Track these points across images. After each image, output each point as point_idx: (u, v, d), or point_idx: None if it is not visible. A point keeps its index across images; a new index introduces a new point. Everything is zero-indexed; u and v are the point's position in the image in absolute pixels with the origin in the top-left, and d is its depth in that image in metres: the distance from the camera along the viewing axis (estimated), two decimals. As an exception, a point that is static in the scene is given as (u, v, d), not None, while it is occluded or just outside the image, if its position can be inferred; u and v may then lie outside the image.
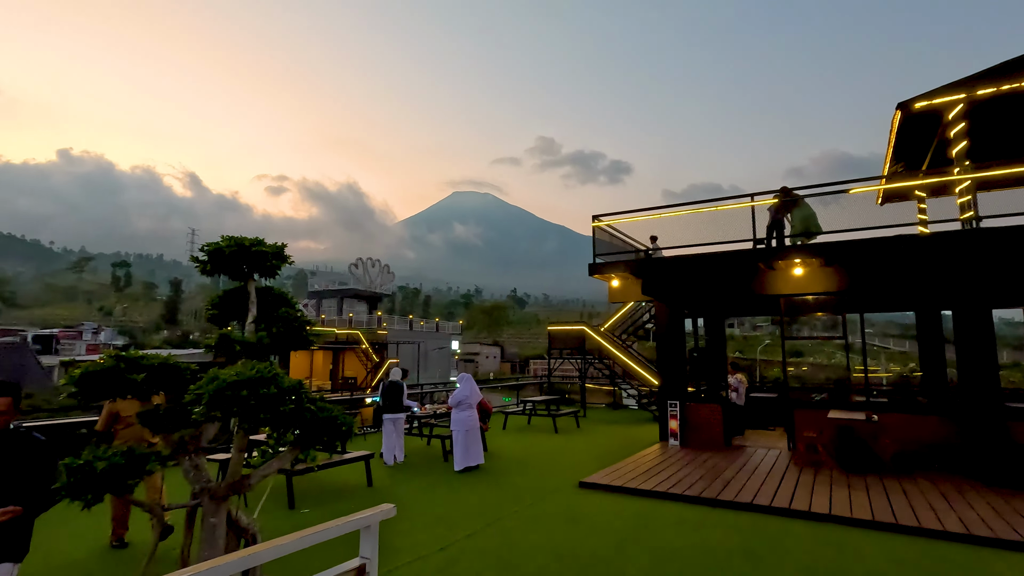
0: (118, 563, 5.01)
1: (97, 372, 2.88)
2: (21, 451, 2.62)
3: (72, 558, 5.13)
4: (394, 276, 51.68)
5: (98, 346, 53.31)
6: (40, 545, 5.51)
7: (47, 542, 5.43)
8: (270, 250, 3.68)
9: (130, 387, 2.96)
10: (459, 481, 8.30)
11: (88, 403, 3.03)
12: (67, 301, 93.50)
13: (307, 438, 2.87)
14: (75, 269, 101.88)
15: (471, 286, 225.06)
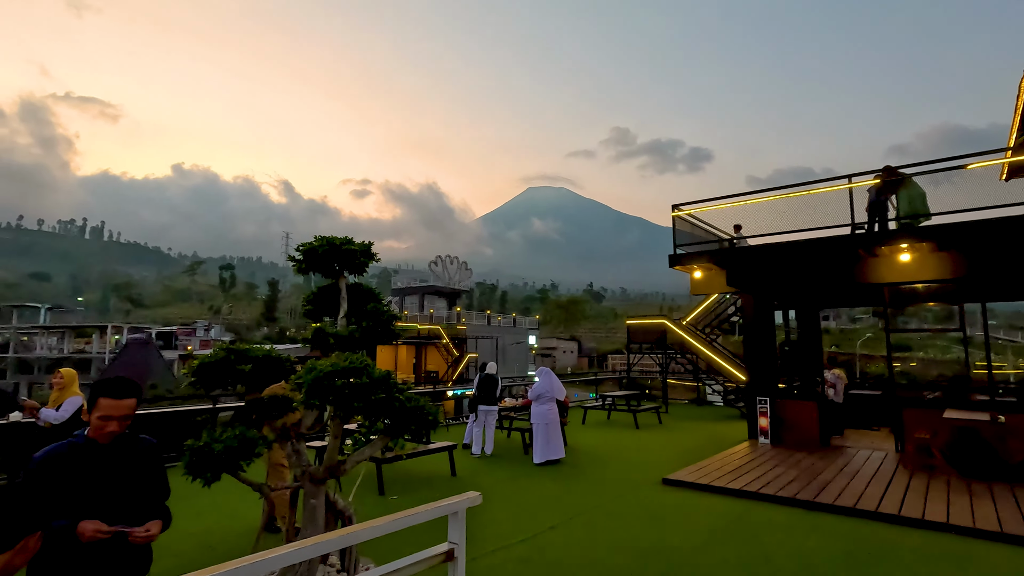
0: (238, 538, 5.49)
1: (212, 363, 3.19)
2: (145, 456, 2.47)
3: (191, 530, 5.70)
4: (472, 272, 52.79)
5: (209, 342, 58.54)
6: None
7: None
8: (358, 248, 3.88)
9: (239, 377, 3.24)
10: (540, 474, 8.36)
11: (206, 390, 3.31)
12: (182, 301, 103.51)
13: (396, 427, 3.01)
14: (189, 272, 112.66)
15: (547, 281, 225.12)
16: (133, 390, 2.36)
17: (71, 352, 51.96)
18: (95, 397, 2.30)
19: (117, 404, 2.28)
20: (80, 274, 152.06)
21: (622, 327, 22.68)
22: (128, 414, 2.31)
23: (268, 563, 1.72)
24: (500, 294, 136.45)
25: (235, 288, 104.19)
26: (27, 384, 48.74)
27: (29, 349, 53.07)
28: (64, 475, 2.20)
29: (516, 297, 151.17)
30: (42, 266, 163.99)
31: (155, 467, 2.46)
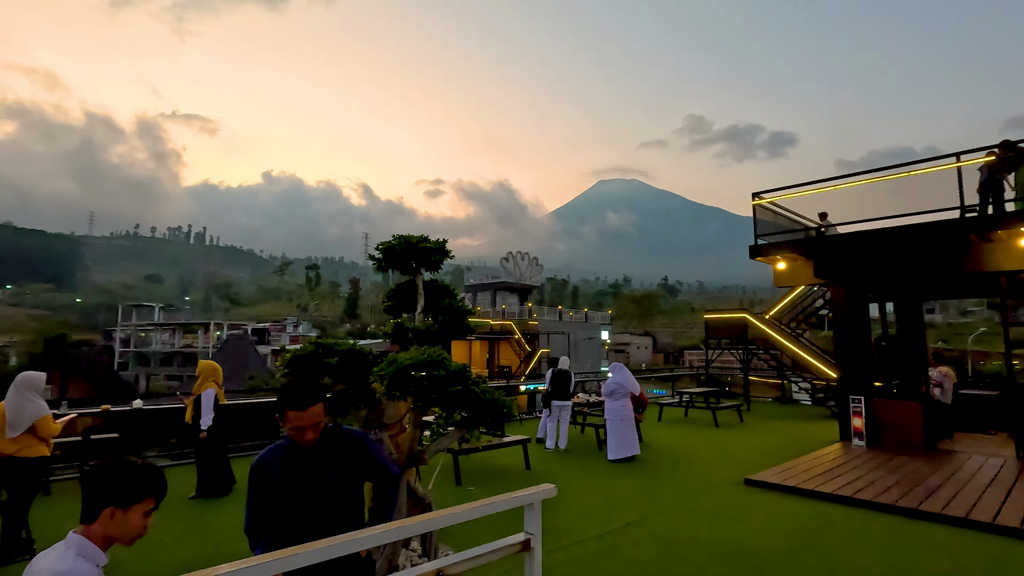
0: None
1: (302, 356, 3.42)
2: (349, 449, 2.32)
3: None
4: (543, 268, 52.80)
5: (298, 337, 62.45)
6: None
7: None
8: (434, 246, 4.01)
9: (326, 369, 3.46)
10: (615, 470, 8.27)
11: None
12: (274, 300, 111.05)
13: (472, 419, 3.10)
14: (279, 273, 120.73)
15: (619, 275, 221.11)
16: (316, 396, 2.23)
17: (181, 347, 57.23)
18: (281, 408, 2.22)
19: (301, 415, 2.18)
20: (187, 276, 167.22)
21: (699, 322, 21.88)
22: (318, 421, 2.22)
23: (356, 543, 1.82)
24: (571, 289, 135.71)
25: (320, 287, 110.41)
26: (145, 375, 54.28)
27: (146, 344, 59.02)
28: (273, 477, 2.22)
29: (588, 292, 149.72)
30: (155, 269, 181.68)
31: (362, 457, 2.33)
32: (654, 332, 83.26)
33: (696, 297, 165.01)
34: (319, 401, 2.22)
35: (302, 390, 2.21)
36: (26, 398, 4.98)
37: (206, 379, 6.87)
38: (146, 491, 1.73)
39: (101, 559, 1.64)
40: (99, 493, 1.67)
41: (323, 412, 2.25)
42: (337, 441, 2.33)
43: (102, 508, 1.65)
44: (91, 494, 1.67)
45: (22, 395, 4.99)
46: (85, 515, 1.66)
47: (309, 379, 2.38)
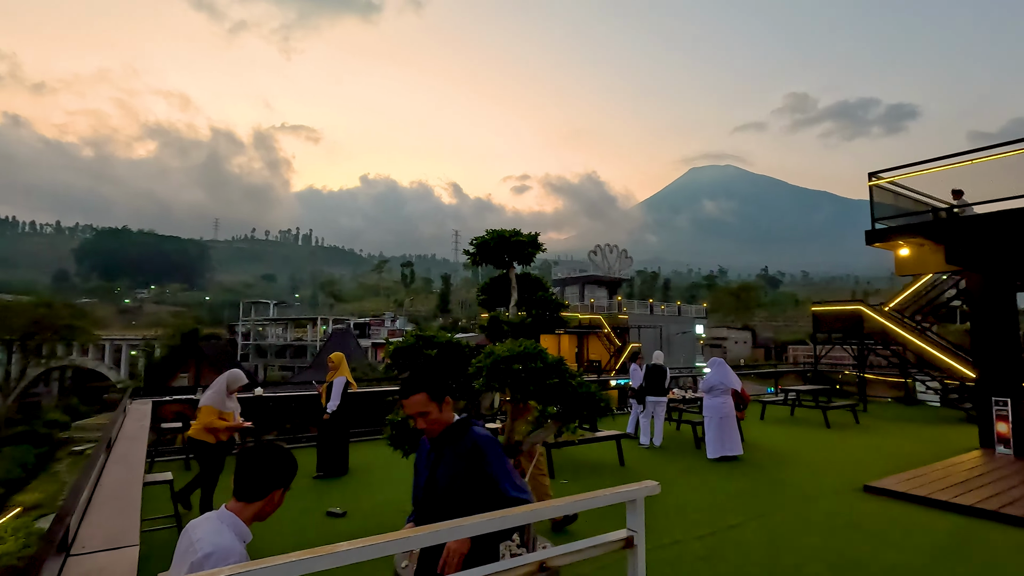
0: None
1: (404, 348, 3.58)
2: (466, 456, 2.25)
3: (387, 496, 6.47)
4: (632, 261, 51.57)
5: (395, 331, 65.67)
6: (364, 493, 7.06)
7: (370, 490, 6.95)
8: (526, 239, 4.03)
9: (426, 360, 3.59)
10: (715, 470, 7.91)
11: (398, 372, 3.71)
12: (373, 296, 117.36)
13: (569, 412, 3.08)
14: (376, 270, 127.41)
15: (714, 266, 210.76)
16: (417, 385, 2.27)
17: (292, 340, 62.23)
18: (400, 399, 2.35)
19: (407, 403, 2.28)
20: (296, 275, 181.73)
21: (803, 314, 20.34)
22: (422, 410, 2.25)
23: (462, 529, 1.87)
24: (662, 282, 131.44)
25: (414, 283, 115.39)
26: (263, 366, 59.60)
27: (263, 337, 64.78)
28: (417, 459, 2.45)
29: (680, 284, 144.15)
30: (269, 269, 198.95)
31: (475, 464, 2.24)
32: (753, 326, 78.47)
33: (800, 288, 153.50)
34: (419, 391, 2.25)
35: (408, 379, 2.30)
36: (215, 386, 5.69)
37: (338, 368, 7.50)
38: (294, 474, 1.90)
39: (247, 536, 1.81)
40: (272, 475, 1.83)
41: (426, 402, 2.26)
42: (458, 440, 2.29)
43: (271, 489, 1.82)
44: (259, 475, 1.83)
45: (217, 383, 5.70)
46: (246, 493, 1.83)
47: (419, 370, 2.46)
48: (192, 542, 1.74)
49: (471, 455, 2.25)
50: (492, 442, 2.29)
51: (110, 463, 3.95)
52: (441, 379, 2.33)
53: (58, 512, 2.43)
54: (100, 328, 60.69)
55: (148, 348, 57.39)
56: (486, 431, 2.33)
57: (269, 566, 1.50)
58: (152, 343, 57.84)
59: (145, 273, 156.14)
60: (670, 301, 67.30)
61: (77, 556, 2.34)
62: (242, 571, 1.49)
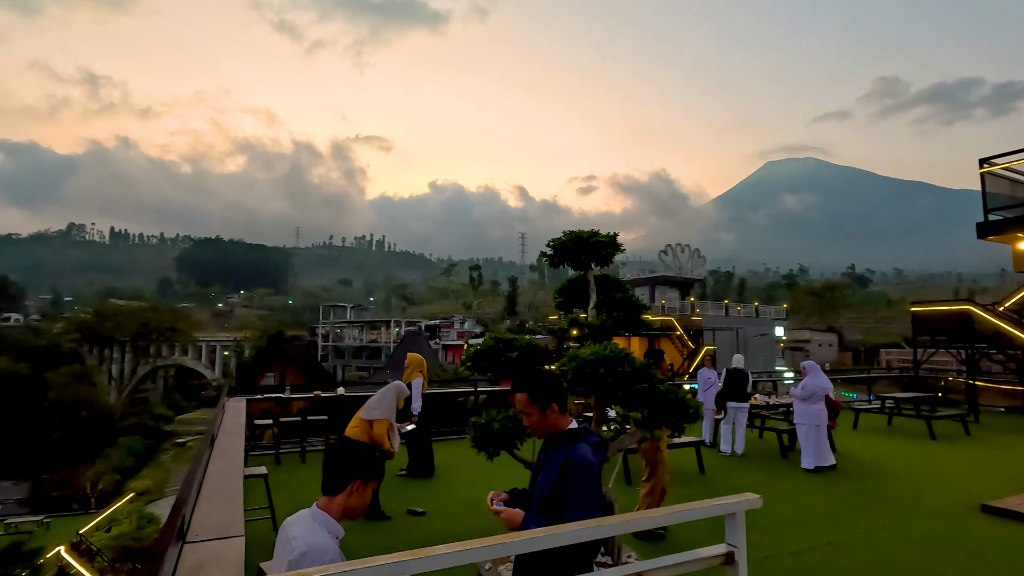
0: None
1: (484, 351, 3.59)
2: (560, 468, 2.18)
3: (464, 496, 6.54)
4: (705, 260, 49.67)
5: (464, 333, 66.88)
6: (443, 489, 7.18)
7: (450, 487, 7.06)
8: (604, 240, 3.95)
9: (505, 362, 3.59)
10: (806, 481, 7.43)
11: (478, 374, 3.73)
12: (442, 299, 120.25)
13: (656, 417, 2.97)
14: (445, 274, 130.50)
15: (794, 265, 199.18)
16: (521, 385, 2.28)
17: (367, 342, 64.86)
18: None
19: (513, 398, 2.32)
20: (370, 279, 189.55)
21: (897, 315, 18.80)
22: (524, 410, 2.26)
23: (552, 539, 1.83)
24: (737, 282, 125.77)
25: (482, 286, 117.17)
26: (341, 366, 62.50)
27: (340, 339, 67.95)
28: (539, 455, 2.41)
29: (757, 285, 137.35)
30: (346, 274, 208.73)
31: (558, 478, 2.17)
32: (839, 328, 73.38)
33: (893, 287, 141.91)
34: (521, 391, 2.27)
35: (517, 376, 2.32)
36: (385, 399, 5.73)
37: (415, 369, 7.65)
38: (381, 470, 1.94)
39: (340, 532, 1.87)
40: (347, 467, 1.89)
41: (527, 404, 2.26)
42: (560, 449, 2.25)
43: (349, 481, 1.88)
44: (339, 468, 1.90)
45: (384, 395, 5.76)
46: (329, 486, 1.90)
47: (532, 369, 2.46)
48: (288, 540, 1.81)
49: (562, 470, 2.19)
50: (584, 467, 2.17)
51: (214, 457, 4.24)
52: (548, 385, 2.29)
53: (175, 503, 2.62)
54: (198, 330, 66.13)
55: (238, 349, 61.79)
56: (587, 452, 2.21)
57: (366, 567, 1.53)
58: (242, 344, 62.18)
59: (236, 279, 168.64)
60: (746, 302, 64.29)
61: (192, 543, 2.51)
62: (337, 571, 1.52)
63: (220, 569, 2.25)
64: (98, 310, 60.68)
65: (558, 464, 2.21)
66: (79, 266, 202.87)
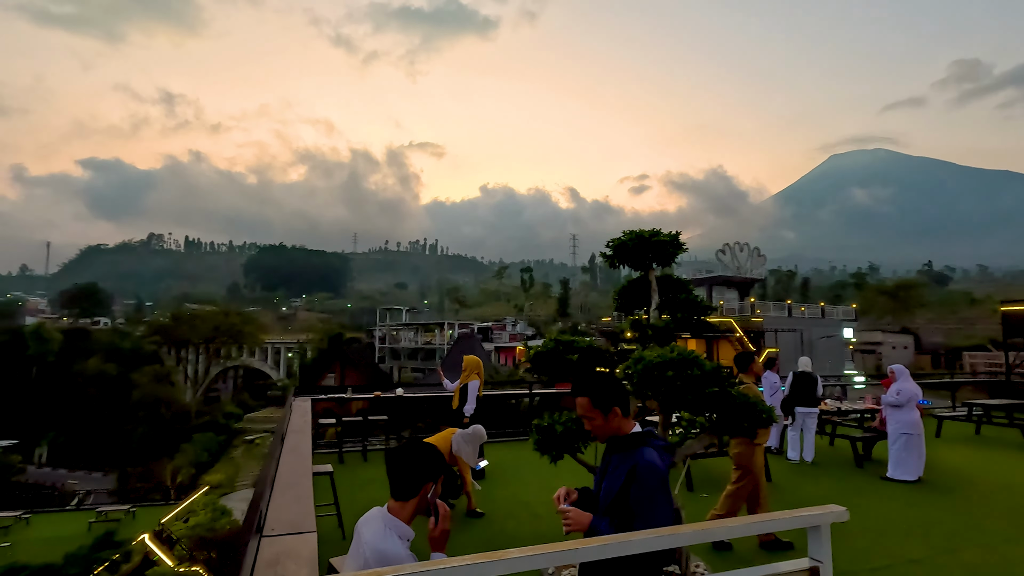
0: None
1: (545, 353, 3.56)
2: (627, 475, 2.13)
3: (521, 498, 6.53)
4: (765, 259, 47.73)
5: (516, 335, 67.09)
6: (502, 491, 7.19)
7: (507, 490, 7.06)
8: (667, 239, 3.84)
9: (566, 365, 3.55)
10: (885, 492, 6.98)
11: (539, 376, 3.70)
12: (494, 301, 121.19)
13: (725, 423, 2.85)
14: (497, 276, 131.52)
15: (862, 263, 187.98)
16: (582, 388, 2.26)
17: (422, 344, 66.17)
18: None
19: (575, 402, 2.31)
20: (424, 282, 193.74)
21: (983, 316, 17.41)
22: (585, 414, 2.25)
23: (623, 546, 1.78)
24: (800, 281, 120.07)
25: (533, 288, 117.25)
26: (397, 368, 64.06)
27: (396, 341, 69.67)
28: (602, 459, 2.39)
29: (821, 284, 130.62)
30: (401, 277, 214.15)
31: (625, 484, 2.12)
32: (915, 329, 68.65)
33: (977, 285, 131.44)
34: (582, 394, 2.25)
35: (577, 379, 2.36)
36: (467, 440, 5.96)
37: (472, 371, 7.73)
38: (444, 466, 1.95)
39: (410, 535, 1.89)
40: (420, 473, 1.92)
41: (588, 407, 2.24)
42: (625, 453, 2.19)
43: (424, 484, 1.90)
44: (412, 473, 1.92)
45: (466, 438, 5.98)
46: (401, 492, 1.92)
47: (592, 372, 2.46)
48: (361, 543, 1.85)
49: (628, 476, 2.14)
50: (653, 471, 2.11)
51: (284, 454, 4.41)
52: (609, 388, 2.26)
53: (252, 498, 2.74)
54: (264, 333, 69.51)
55: (301, 351, 64.56)
56: (654, 457, 2.15)
57: (440, 568, 1.53)
58: (304, 346, 64.93)
59: (298, 284, 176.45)
60: (810, 302, 61.29)
61: (268, 537, 2.61)
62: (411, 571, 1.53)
63: (296, 563, 2.33)
64: (174, 314, 65.03)
65: (624, 469, 2.17)
66: (158, 273, 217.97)
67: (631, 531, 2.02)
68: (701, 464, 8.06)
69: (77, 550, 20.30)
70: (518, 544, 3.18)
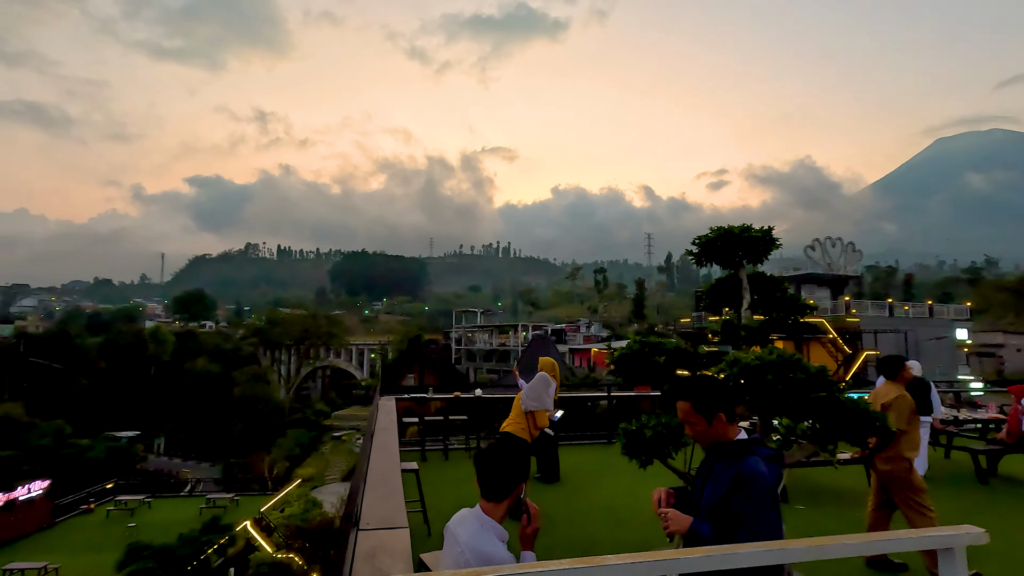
0: (645, 517, 5.91)
1: (629, 355, 3.47)
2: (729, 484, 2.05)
3: (602, 503, 6.40)
4: (861, 255, 44.20)
5: (590, 337, 66.35)
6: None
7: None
8: (758, 234, 3.63)
9: (653, 368, 3.43)
10: (1008, 508, 6.23)
11: (624, 379, 3.61)
12: (567, 303, 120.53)
13: (831, 431, 2.64)
14: (570, 278, 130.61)
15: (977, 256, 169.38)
16: (683, 392, 2.20)
17: (497, 345, 67.03)
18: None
19: (677, 407, 2.25)
20: (498, 285, 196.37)
21: None
22: (687, 419, 2.18)
23: (730, 558, 1.68)
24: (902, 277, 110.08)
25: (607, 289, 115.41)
26: (472, 369, 65.28)
27: (472, 343, 71.04)
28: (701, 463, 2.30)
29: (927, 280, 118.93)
30: (475, 280, 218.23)
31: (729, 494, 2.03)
32: (1046, 330, 60.87)
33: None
34: (684, 399, 2.17)
35: (675, 383, 2.30)
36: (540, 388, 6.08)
37: (547, 374, 7.71)
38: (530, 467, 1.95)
39: (505, 535, 1.90)
40: (512, 472, 1.93)
41: (690, 412, 2.16)
42: (730, 461, 2.10)
43: (516, 485, 1.91)
44: (502, 474, 1.94)
45: (536, 387, 6.10)
46: (494, 493, 1.93)
47: (695, 376, 2.35)
48: (456, 542, 1.86)
49: (732, 484, 2.04)
50: (759, 481, 2.01)
51: (374, 451, 4.60)
52: (714, 392, 2.16)
53: (349, 493, 2.87)
54: (348, 335, 73.29)
55: (382, 352, 67.39)
56: (761, 466, 2.04)
57: (538, 571, 1.51)
58: (385, 347, 67.71)
59: (379, 288, 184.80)
60: (914, 300, 56.05)
61: (364, 531, 2.72)
62: (512, 573, 1.53)
63: (391, 557, 2.40)
64: (269, 318, 70.11)
65: (727, 477, 2.07)
66: (254, 280, 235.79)
67: (734, 542, 1.93)
68: (797, 474, 7.57)
69: (189, 532, 22.30)
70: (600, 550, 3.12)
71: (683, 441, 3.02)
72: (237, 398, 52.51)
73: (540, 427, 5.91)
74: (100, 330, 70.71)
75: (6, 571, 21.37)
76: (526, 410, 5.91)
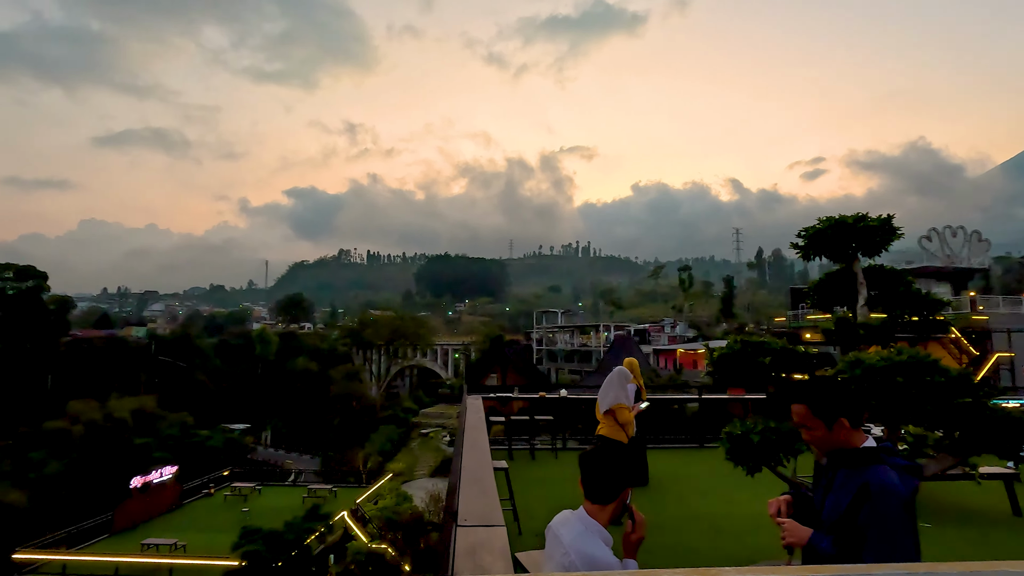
0: (744, 525, 5.60)
1: (729, 355, 3.29)
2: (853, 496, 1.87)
3: (699, 510, 6.13)
4: (989, 245, 39.35)
5: (675, 337, 64.11)
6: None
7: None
8: (875, 224, 3.31)
9: (757, 369, 3.23)
10: None
11: (723, 382, 3.43)
12: (650, 302, 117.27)
13: (978, 441, 2.33)
14: (653, 276, 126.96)
15: None
16: (798, 394, 2.05)
17: (578, 345, 66.50)
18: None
19: (791, 410, 2.11)
20: (578, 285, 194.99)
21: None
22: (803, 423, 2.03)
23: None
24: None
25: (692, 287, 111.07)
26: (554, 369, 65.20)
27: (553, 343, 70.99)
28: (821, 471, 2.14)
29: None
30: (555, 281, 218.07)
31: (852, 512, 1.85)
32: None
33: None
34: (799, 401, 2.02)
35: (788, 385, 2.10)
36: (612, 384, 5.93)
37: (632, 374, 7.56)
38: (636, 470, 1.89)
39: (610, 540, 1.85)
40: (619, 475, 1.88)
41: (807, 416, 2.00)
42: (854, 469, 1.92)
43: (623, 488, 1.86)
44: (609, 476, 1.90)
45: (611, 383, 5.98)
46: (600, 496, 1.89)
47: (814, 377, 2.17)
48: (560, 543, 1.83)
49: (858, 496, 1.86)
50: (889, 494, 1.81)
51: (465, 449, 4.68)
52: (835, 395, 1.99)
53: (448, 489, 2.93)
54: (433, 336, 75.78)
55: (466, 352, 69.05)
56: (892, 477, 1.84)
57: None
58: (469, 348, 69.31)
59: (462, 289, 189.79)
60: (1059, 295, 49.03)
61: (463, 528, 2.76)
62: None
63: (491, 554, 2.42)
64: (360, 320, 74.11)
65: (852, 487, 1.89)
66: (347, 284, 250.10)
67: (859, 561, 1.75)
68: (926, 488, 6.84)
69: (293, 519, 23.99)
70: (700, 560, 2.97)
71: (796, 448, 2.81)
72: (334, 395, 55.95)
73: (625, 422, 5.70)
74: (215, 332, 78.27)
75: (143, 545, 24.09)
76: (604, 411, 5.78)
